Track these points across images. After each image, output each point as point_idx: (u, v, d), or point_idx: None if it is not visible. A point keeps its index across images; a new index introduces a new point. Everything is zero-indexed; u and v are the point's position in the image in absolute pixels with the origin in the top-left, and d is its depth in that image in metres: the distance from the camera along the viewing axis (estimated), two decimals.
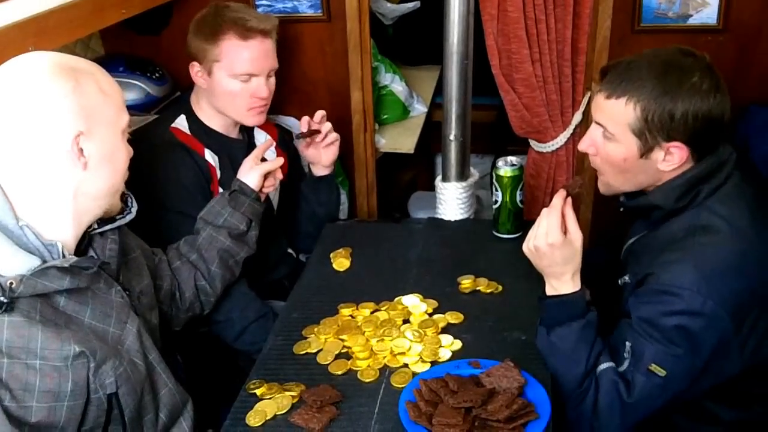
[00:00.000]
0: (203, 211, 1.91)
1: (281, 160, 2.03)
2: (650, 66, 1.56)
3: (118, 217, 1.49)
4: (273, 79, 2.16)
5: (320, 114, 2.20)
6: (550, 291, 1.62)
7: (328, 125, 2.21)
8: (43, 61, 1.34)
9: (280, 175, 2.03)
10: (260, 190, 1.97)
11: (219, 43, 2.03)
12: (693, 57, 1.57)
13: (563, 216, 1.59)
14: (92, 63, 1.42)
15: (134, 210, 1.52)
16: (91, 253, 1.44)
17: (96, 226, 1.45)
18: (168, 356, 1.57)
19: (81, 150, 1.32)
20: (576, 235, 1.58)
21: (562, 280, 1.60)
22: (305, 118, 2.20)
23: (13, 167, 1.32)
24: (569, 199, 1.61)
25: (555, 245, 1.56)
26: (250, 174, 1.95)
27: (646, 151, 1.57)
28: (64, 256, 1.33)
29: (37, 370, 1.25)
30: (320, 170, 2.29)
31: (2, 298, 1.23)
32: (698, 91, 1.52)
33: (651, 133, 1.55)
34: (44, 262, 1.29)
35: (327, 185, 2.32)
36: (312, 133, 2.19)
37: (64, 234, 1.36)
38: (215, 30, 2.04)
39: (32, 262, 1.28)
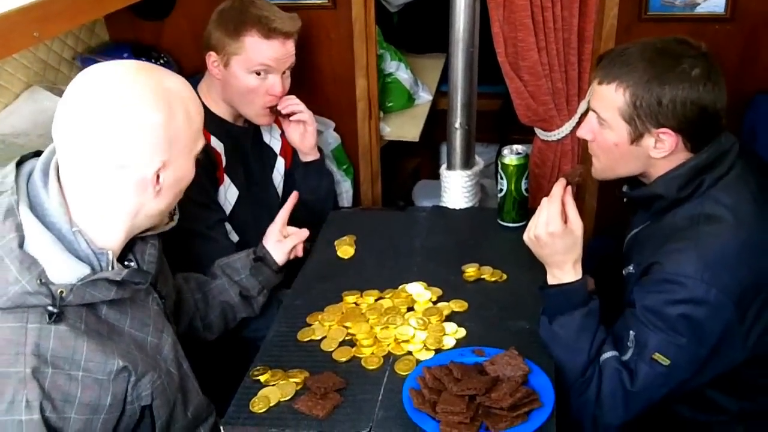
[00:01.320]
0: (224, 259, 1.87)
1: (306, 233, 1.92)
2: (642, 52, 1.57)
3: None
4: (288, 77, 2.16)
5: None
6: (551, 280, 1.62)
7: (296, 103, 2.19)
8: (143, 82, 1.27)
9: (300, 252, 1.93)
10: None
11: (241, 38, 2.04)
12: (687, 44, 1.57)
13: (563, 205, 1.59)
14: (182, 81, 1.35)
15: (176, 218, 1.49)
16: (130, 256, 1.41)
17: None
18: None
19: (158, 178, 1.30)
20: (576, 223, 1.58)
21: (564, 269, 1.60)
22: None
23: (80, 176, 1.28)
24: (569, 188, 1.61)
25: (555, 234, 1.56)
26: (277, 249, 1.87)
27: (636, 138, 1.58)
28: (112, 266, 1.31)
29: (79, 382, 1.24)
30: (303, 156, 2.29)
31: (52, 308, 1.21)
32: (687, 78, 1.52)
33: (640, 118, 1.55)
34: (93, 270, 1.27)
35: (315, 171, 2.32)
36: (277, 111, 2.19)
37: (114, 242, 1.33)
38: (239, 26, 2.04)
39: (82, 271, 1.26)
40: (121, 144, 1.25)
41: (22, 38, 1.59)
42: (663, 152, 1.58)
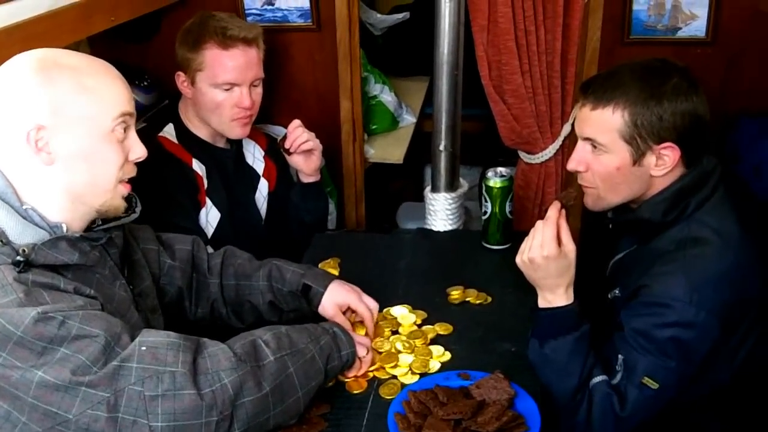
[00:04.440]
0: (280, 261, 1.75)
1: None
2: (631, 73, 1.59)
3: (122, 216, 1.46)
4: (259, 89, 2.14)
5: (293, 125, 2.17)
6: (543, 303, 1.60)
7: (302, 136, 2.16)
8: (33, 54, 1.34)
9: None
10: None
11: (201, 52, 2.03)
12: (667, 61, 1.61)
13: (558, 228, 1.58)
14: (92, 60, 1.39)
15: (138, 210, 1.49)
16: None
17: (100, 223, 1.44)
18: None
19: (39, 143, 1.29)
20: (570, 247, 1.56)
21: (557, 293, 1.58)
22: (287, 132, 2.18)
23: (5, 158, 1.32)
24: (563, 211, 1.60)
25: (550, 257, 1.54)
26: (331, 310, 1.66)
27: (638, 158, 1.58)
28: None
29: (67, 294, 1.27)
30: (305, 177, 2.26)
31: (19, 258, 1.23)
32: (682, 91, 1.55)
33: (641, 137, 1.56)
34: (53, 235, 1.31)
35: (314, 192, 2.30)
36: (284, 149, 2.19)
37: (68, 219, 1.34)
38: (198, 39, 2.04)
39: (42, 235, 1.29)
40: (1, 107, 1.29)
41: (4, 59, 1.58)
42: (664, 169, 1.58)
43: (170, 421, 1.21)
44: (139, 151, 1.42)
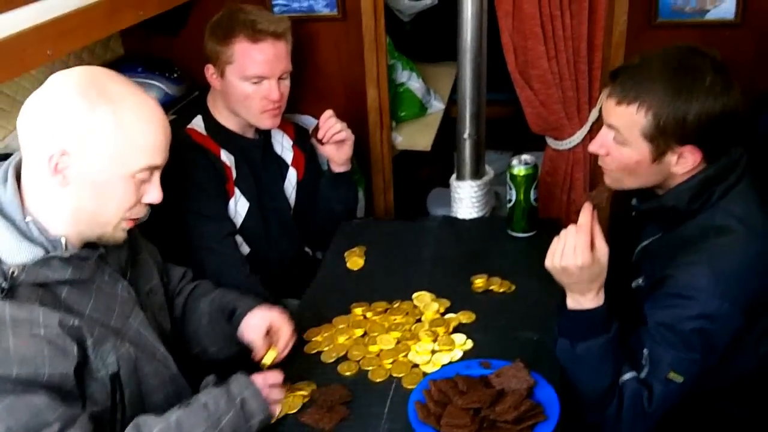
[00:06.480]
0: (231, 295, 1.75)
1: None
2: (662, 68, 1.52)
3: None
4: (287, 81, 2.16)
5: (325, 115, 2.20)
6: (572, 305, 1.55)
7: (335, 126, 2.19)
8: (84, 74, 1.36)
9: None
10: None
11: (231, 45, 2.05)
12: (703, 56, 1.54)
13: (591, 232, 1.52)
14: (142, 98, 1.38)
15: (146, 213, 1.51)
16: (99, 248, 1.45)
17: None
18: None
19: (58, 166, 1.31)
20: (603, 250, 1.50)
21: (587, 297, 1.53)
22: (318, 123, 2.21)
23: (25, 163, 1.36)
24: (595, 213, 1.53)
25: (585, 267, 1.49)
26: (251, 328, 1.64)
27: (658, 156, 1.55)
28: (67, 249, 1.35)
29: (41, 337, 1.26)
30: (336, 167, 2.29)
31: (3, 284, 1.25)
32: (711, 93, 1.49)
33: (664, 137, 1.52)
34: (47, 253, 1.32)
35: (345, 182, 2.33)
36: (317, 140, 2.21)
37: (68, 233, 1.37)
38: (227, 32, 2.06)
39: (36, 253, 1.31)
40: (37, 120, 1.32)
41: (36, 55, 1.62)
42: (685, 167, 1.56)
43: None
44: (155, 195, 1.43)
